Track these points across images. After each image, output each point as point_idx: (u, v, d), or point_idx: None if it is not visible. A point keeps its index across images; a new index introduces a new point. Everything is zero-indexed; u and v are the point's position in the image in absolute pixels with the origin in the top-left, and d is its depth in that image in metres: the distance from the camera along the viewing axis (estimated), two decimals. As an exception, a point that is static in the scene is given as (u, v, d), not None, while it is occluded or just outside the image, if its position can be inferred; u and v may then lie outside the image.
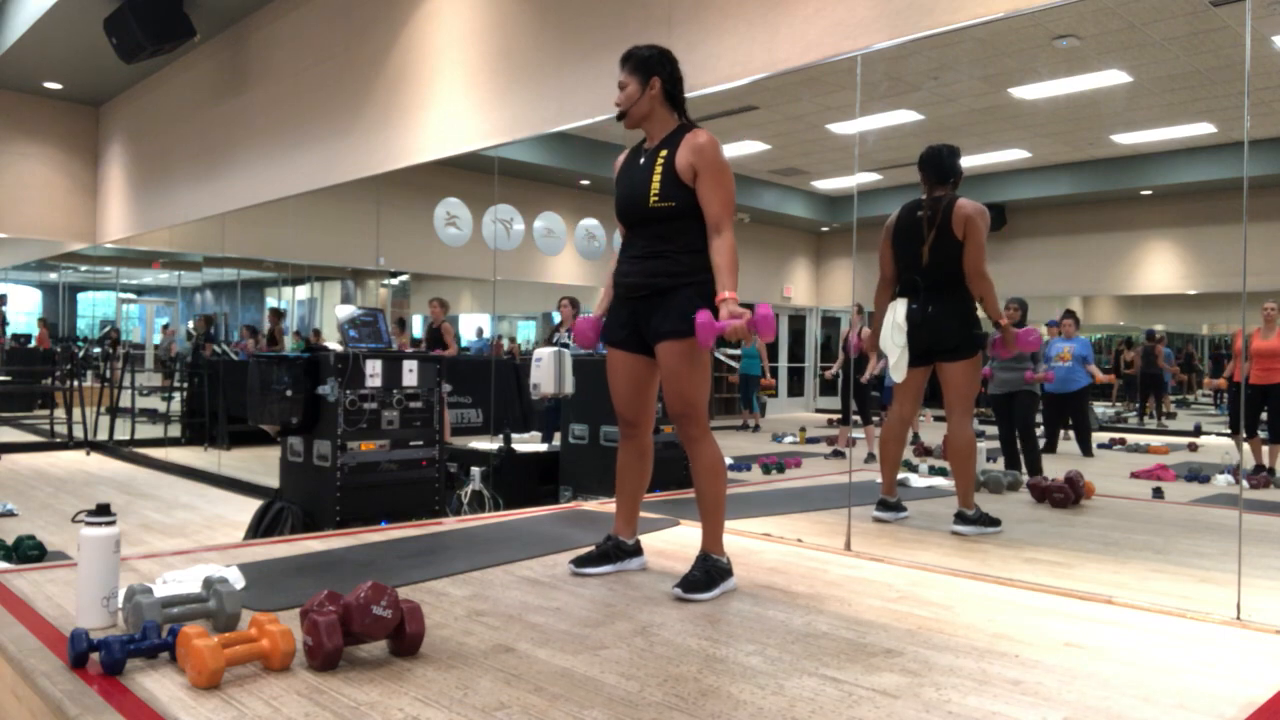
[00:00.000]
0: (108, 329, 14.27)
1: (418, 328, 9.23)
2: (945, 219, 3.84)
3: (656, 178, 2.79)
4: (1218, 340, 8.30)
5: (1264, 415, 6.18)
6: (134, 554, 3.16)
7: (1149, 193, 6.36)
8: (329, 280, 10.16)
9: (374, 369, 4.78)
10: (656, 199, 2.78)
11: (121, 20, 7.15)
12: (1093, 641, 2.37)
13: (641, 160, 2.88)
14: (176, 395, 10.20)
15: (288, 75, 7.24)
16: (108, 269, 14.64)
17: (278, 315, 9.87)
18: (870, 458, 6.65)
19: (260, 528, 4.86)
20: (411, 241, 7.99)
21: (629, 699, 1.89)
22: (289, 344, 9.43)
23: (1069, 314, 6.43)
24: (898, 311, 3.96)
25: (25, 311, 15.98)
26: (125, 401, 10.07)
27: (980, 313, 3.96)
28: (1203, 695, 1.99)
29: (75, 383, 10.00)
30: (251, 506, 5.58)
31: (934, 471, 5.67)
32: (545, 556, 3.21)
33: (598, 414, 5.42)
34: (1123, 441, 7.43)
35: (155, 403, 10.72)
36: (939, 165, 3.96)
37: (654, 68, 2.85)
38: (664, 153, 2.81)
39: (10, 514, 5.92)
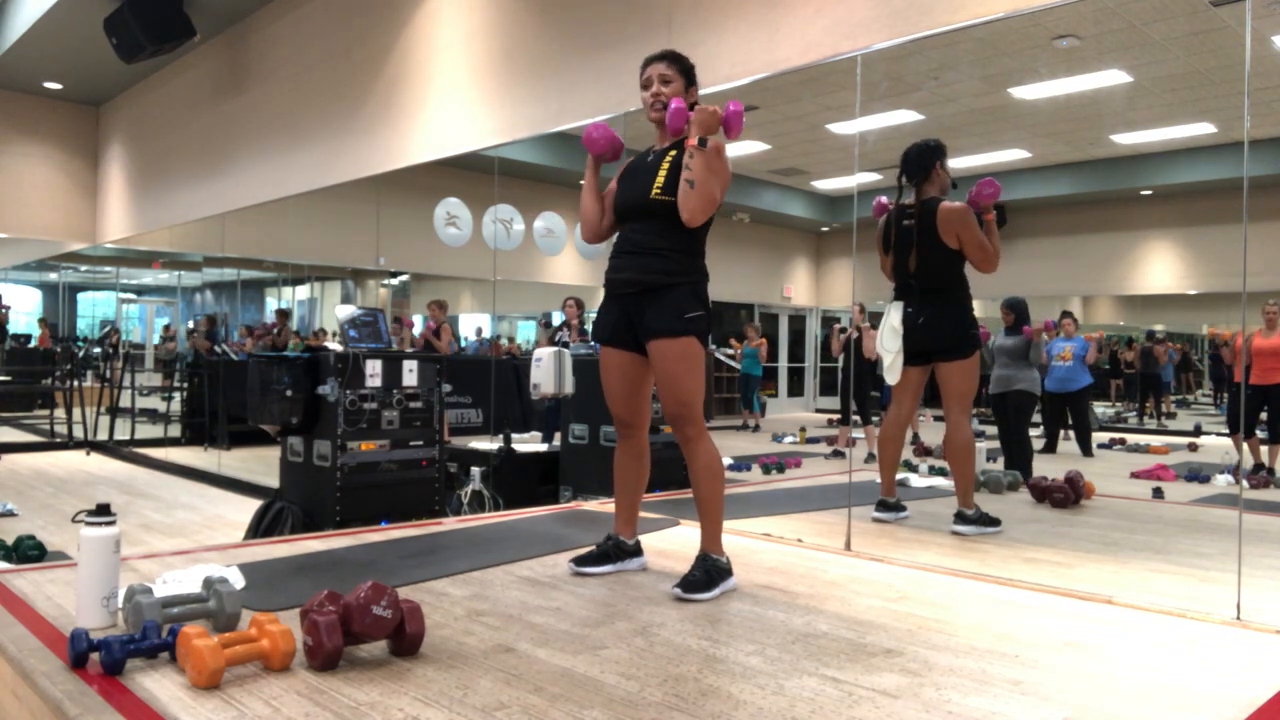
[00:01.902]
0: (108, 329, 14.27)
1: (418, 329, 9.24)
2: (931, 225, 3.85)
3: (662, 172, 2.83)
4: (1218, 340, 8.30)
5: (1263, 415, 6.18)
6: (134, 554, 3.16)
7: (1149, 193, 6.36)
8: (329, 280, 10.16)
9: (374, 369, 4.78)
10: (659, 191, 2.81)
11: (121, 20, 7.15)
12: (1093, 641, 2.37)
13: (649, 159, 2.94)
14: (176, 395, 10.20)
15: (288, 75, 7.24)
16: (108, 269, 14.64)
17: (284, 316, 9.86)
18: (870, 458, 6.65)
19: (260, 528, 4.86)
20: (411, 241, 8.00)
21: (629, 699, 1.89)
22: (291, 344, 9.43)
23: (1067, 314, 6.43)
24: (892, 316, 3.97)
25: (25, 311, 15.97)
26: (125, 401, 10.07)
27: (977, 311, 3.98)
28: (1203, 695, 1.99)
29: (75, 383, 10.00)
30: (251, 506, 5.58)
31: (934, 471, 5.67)
32: (545, 556, 3.21)
33: (598, 414, 5.42)
34: (1123, 441, 7.43)
35: (155, 403, 10.73)
36: (910, 162, 3.96)
37: (693, 79, 2.98)
38: (672, 153, 2.87)
39: (10, 514, 5.92)
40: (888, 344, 3.97)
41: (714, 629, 2.41)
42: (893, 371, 3.99)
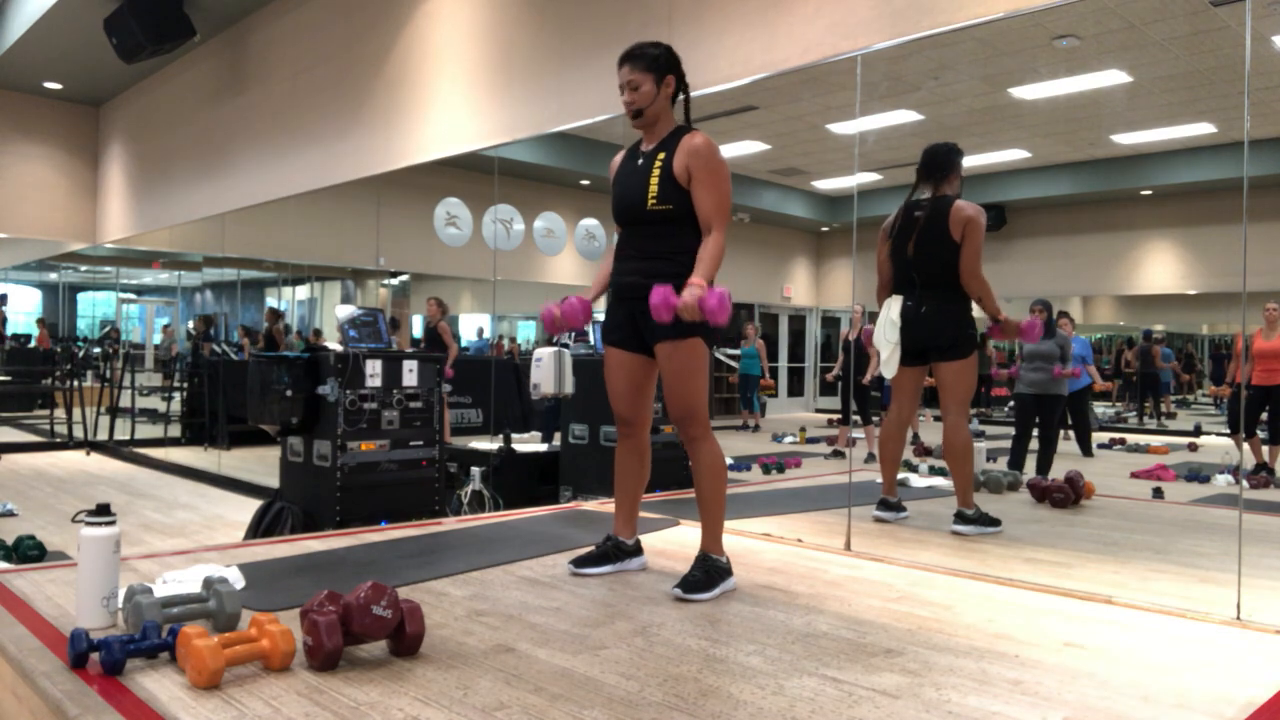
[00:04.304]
0: (108, 329, 14.27)
1: (417, 328, 9.24)
2: (942, 219, 3.84)
3: (654, 180, 2.79)
4: (1218, 340, 8.31)
5: (1264, 416, 6.18)
6: (134, 554, 3.16)
7: (1149, 193, 6.36)
8: (329, 280, 10.16)
9: (374, 369, 4.78)
10: (654, 202, 2.78)
11: (121, 20, 7.15)
12: (1093, 641, 2.37)
13: (639, 161, 2.88)
14: (176, 395, 10.20)
15: (288, 75, 7.24)
16: (108, 269, 14.65)
17: (276, 315, 9.85)
18: (870, 458, 6.65)
19: (260, 528, 4.86)
20: (411, 241, 7.99)
21: (629, 699, 1.89)
22: (289, 344, 9.43)
23: (1064, 314, 6.44)
24: (892, 309, 3.97)
25: (25, 311, 15.97)
26: (125, 401, 10.07)
27: (977, 312, 3.97)
28: (1203, 695, 1.99)
29: (75, 383, 10.00)
30: (251, 506, 5.58)
31: (934, 471, 5.67)
32: (545, 556, 3.21)
33: (598, 414, 5.42)
34: (1123, 441, 7.43)
35: (155, 403, 10.73)
36: (932, 161, 3.97)
37: (665, 66, 2.85)
38: (661, 155, 2.81)
39: (10, 514, 5.92)
40: (887, 336, 3.97)
41: (714, 629, 2.41)
42: (890, 365, 3.99)
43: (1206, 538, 3.99)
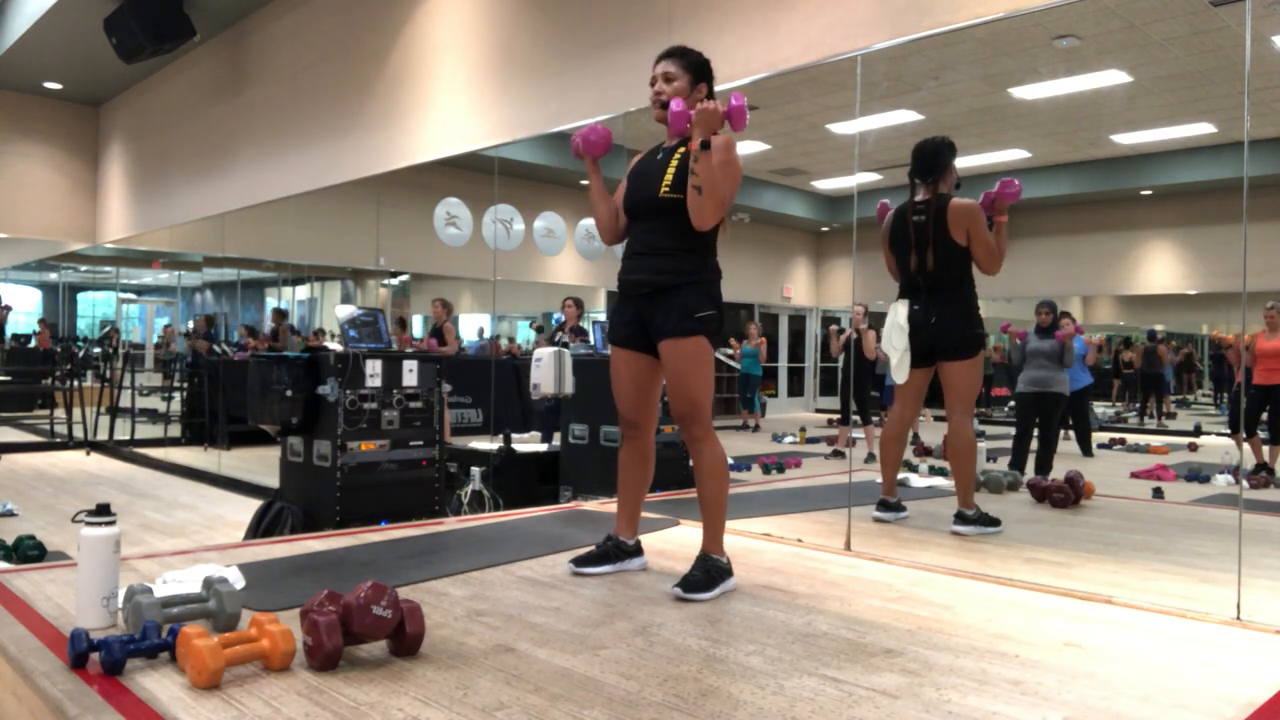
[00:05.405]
0: (108, 329, 14.28)
1: (418, 328, 9.24)
2: (942, 223, 3.83)
3: (671, 170, 2.81)
4: (1221, 344, 8.31)
5: (1265, 416, 6.19)
6: (134, 554, 3.16)
7: (1149, 193, 6.36)
8: (329, 280, 10.16)
9: (374, 369, 4.78)
10: (668, 189, 2.79)
11: (121, 20, 7.15)
12: (1093, 641, 2.37)
13: (659, 156, 2.92)
14: (176, 395, 10.21)
15: (288, 75, 7.24)
16: (108, 269, 14.66)
17: (281, 315, 9.85)
18: (870, 458, 6.65)
19: (260, 528, 4.86)
20: (411, 241, 8.00)
21: (629, 699, 1.89)
22: (292, 343, 9.43)
23: (1065, 314, 6.44)
24: (899, 313, 3.95)
25: (25, 311, 15.97)
26: (125, 401, 10.08)
27: (983, 310, 3.97)
28: (1203, 695, 1.99)
29: (75, 383, 10.00)
30: (251, 506, 5.58)
31: (934, 471, 5.67)
32: (545, 556, 3.21)
33: (598, 414, 5.42)
34: (1123, 441, 7.43)
35: (155, 403, 10.73)
36: (924, 160, 3.95)
37: (704, 75, 2.91)
38: (681, 150, 2.84)
39: (10, 514, 5.92)
40: (895, 342, 3.95)
41: (714, 629, 2.40)
42: (900, 369, 3.97)
43: (1206, 538, 3.99)
